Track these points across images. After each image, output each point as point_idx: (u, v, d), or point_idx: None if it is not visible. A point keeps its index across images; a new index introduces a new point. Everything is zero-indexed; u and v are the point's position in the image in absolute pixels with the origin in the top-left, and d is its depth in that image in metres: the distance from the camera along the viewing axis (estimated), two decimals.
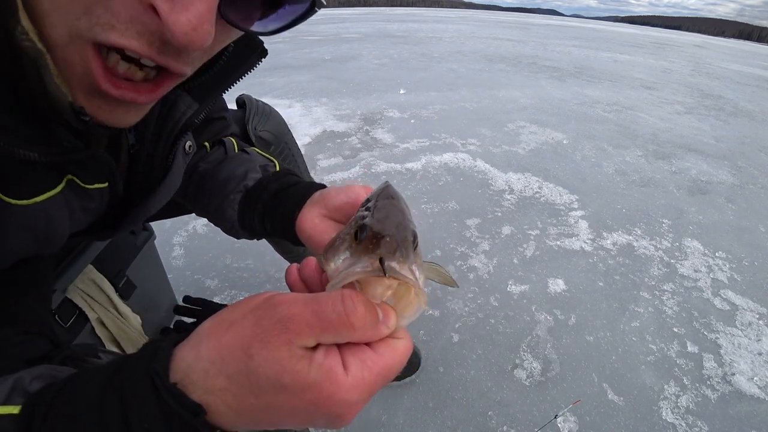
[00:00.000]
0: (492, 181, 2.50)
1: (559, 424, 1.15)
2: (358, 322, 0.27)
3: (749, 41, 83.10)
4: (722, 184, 2.80)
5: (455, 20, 18.70)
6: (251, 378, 0.26)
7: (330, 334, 0.27)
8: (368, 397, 0.28)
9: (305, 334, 0.26)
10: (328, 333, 0.27)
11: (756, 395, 1.29)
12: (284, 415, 0.28)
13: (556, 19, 39.33)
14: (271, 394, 0.26)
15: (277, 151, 0.96)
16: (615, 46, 12.07)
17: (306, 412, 0.27)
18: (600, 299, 1.62)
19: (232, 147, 0.68)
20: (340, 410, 0.27)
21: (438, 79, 5.18)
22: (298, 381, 0.26)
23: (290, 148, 1.03)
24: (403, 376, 1.25)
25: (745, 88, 6.92)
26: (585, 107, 4.41)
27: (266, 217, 0.59)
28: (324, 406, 0.26)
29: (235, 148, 0.68)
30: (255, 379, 0.26)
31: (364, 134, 3.16)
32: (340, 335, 0.27)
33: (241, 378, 0.26)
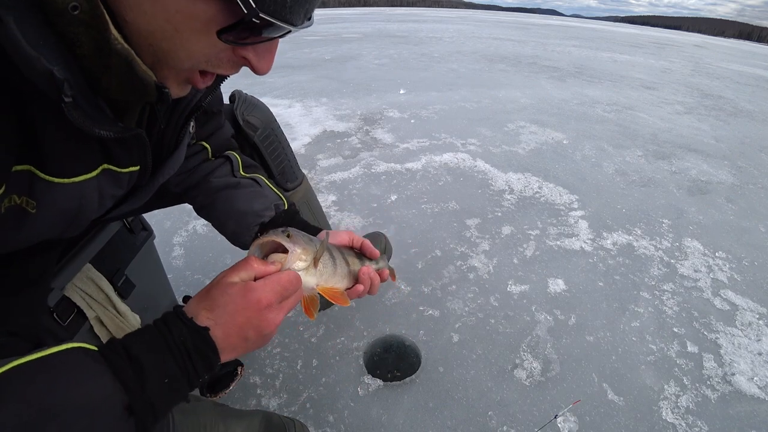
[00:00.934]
0: (492, 181, 2.50)
1: (559, 424, 1.15)
2: (258, 270, 0.54)
3: (749, 41, 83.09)
4: (722, 184, 2.80)
5: (455, 20, 18.70)
6: (230, 314, 0.50)
7: (246, 273, 0.53)
8: (273, 296, 0.52)
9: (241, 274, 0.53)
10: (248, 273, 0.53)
11: (756, 395, 1.29)
12: (245, 327, 0.50)
13: (556, 19, 39.33)
14: (232, 314, 0.49)
15: (263, 135, 1.01)
16: (615, 46, 12.07)
17: (250, 317, 0.50)
18: (600, 299, 1.62)
19: (238, 166, 0.78)
20: (262, 303, 0.51)
21: (438, 79, 5.18)
22: (240, 295, 0.50)
23: (276, 135, 1.07)
24: (403, 376, 1.25)
25: (745, 88, 6.92)
26: (585, 107, 4.41)
27: None
28: (253, 300, 0.50)
29: (241, 167, 0.78)
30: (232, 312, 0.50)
31: (364, 134, 3.16)
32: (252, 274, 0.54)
33: (223, 314, 0.49)
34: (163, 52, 0.38)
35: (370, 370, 1.26)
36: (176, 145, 0.61)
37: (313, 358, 1.29)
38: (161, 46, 0.38)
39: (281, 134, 1.10)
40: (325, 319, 1.43)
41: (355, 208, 2.10)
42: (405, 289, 1.58)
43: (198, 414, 0.81)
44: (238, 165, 0.77)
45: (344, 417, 1.12)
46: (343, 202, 2.16)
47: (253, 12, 0.35)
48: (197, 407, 0.82)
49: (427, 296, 1.56)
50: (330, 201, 2.15)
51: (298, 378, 1.22)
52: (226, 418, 0.88)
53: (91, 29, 0.34)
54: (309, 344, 1.34)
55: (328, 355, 1.30)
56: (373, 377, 1.23)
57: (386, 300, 1.53)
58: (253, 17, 0.35)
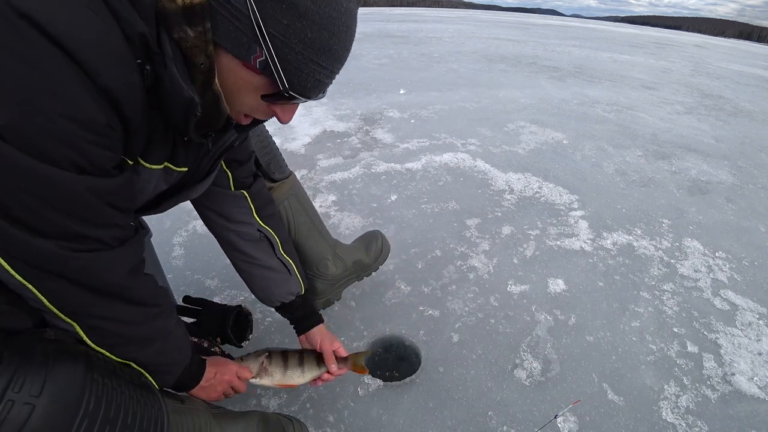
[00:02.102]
0: (492, 181, 2.50)
1: (559, 424, 1.15)
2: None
3: (749, 41, 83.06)
4: (722, 184, 2.80)
5: (455, 20, 18.70)
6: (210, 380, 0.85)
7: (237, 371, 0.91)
8: (219, 385, 0.87)
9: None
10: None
11: (756, 395, 1.29)
12: (210, 388, 0.85)
13: (556, 19, 39.33)
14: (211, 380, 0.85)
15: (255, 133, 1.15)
16: (615, 46, 12.07)
17: (215, 386, 0.86)
18: (600, 299, 1.62)
19: (278, 248, 1.01)
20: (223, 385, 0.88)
21: (438, 79, 5.18)
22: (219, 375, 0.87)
23: (262, 130, 1.18)
24: (403, 376, 1.25)
25: (745, 88, 6.92)
26: (585, 107, 4.41)
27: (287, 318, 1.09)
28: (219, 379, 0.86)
29: (281, 247, 1.01)
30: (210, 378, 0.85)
31: (364, 134, 3.16)
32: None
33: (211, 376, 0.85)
34: (229, 99, 0.60)
35: (370, 370, 1.26)
36: (208, 173, 0.81)
37: None
38: (230, 96, 0.59)
39: (265, 130, 1.20)
40: (325, 318, 1.42)
41: (355, 208, 2.10)
42: (405, 289, 1.58)
43: (193, 416, 0.80)
44: (278, 246, 1.00)
45: (344, 417, 1.12)
46: (343, 202, 2.16)
47: (285, 90, 0.57)
48: (192, 409, 0.82)
49: (427, 296, 1.56)
50: (330, 201, 2.15)
51: None
52: (221, 420, 0.86)
53: (205, 76, 0.55)
54: None
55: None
56: (373, 377, 1.23)
57: (386, 300, 1.53)
58: (285, 93, 0.57)
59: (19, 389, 0.48)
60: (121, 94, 0.48)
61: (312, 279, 1.37)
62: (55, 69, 0.42)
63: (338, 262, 1.38)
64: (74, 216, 0.50)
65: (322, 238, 1.33)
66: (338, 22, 0.54)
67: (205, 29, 0.51)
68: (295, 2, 0.51)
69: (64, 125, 0.44)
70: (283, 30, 0.52)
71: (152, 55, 0.50)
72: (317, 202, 2.13)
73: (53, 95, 0.43)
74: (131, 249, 0.60)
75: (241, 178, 0.96)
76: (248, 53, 0.54)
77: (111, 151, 0.51)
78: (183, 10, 0.49)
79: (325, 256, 1.35)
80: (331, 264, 1.36)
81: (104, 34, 0.45)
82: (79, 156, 0.47)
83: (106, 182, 0.52)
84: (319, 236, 1.32)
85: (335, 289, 1.44)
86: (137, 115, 0.52)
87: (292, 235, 1.25)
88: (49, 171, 0.45)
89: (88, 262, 0.54)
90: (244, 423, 0.88)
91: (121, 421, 0.56)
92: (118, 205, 0.56)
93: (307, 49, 0.54)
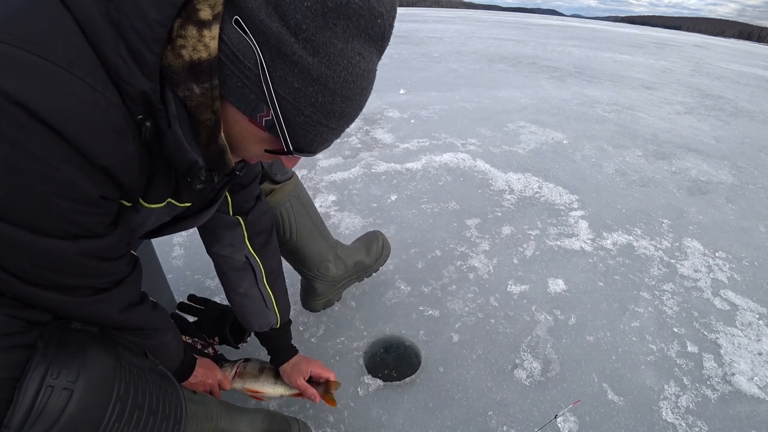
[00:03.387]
0: (492, 181, 2.50)
1: (559, 424, 1.15)
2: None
3: (749, 41, 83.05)
4: (722, 184, 2.80)
5: (455, 20, 18.71)
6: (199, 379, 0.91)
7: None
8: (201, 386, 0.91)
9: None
10: None
11: (756, 395, 1.29)
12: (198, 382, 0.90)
13: (556, 19, 39.33)
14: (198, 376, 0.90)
15: None
16: (615, 46, 12.07)
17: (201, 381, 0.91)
18: (600, 299, 1.62)
19: (261, 277, 0.98)
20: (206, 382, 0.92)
21: (438, 79, 5.18)
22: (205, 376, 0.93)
23: None
24: (403, 376, 1.25)
25: (745, 88, 6.92)
26: (585, 107, 4.41)
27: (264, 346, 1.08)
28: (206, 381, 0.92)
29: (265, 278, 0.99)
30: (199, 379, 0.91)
31: (364, 134, 3.16)
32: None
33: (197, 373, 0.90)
34: (234, 147, 0.59)
35: (370, 370, 1.26)
36: (212, 201, 0.80)
37: None
38: (235, 145, 0.59)
39: None
40: (325, 319, 1.43)
41: (355, 208, 2.10)
42: (405, 289, 1.58)
43: (206, 406, 0.86)
44: (262, 277, 0.98)
45: (344, 417, 1.12)
46: (343, 202, 2.16)
47: (289, 150, 0.56)
48: (205, 399, 0.88)
49: (427, 296, 1.56)
50: (330, 201, 2.15)
51: None
52: (231, 411, 0.92)
53: (210, 130, 0.54)
54: (309, 344, 1.34)
55: (328, 355, 1.30)
56: (373, 377, 1.23)
57: (386, 300, 1.53)
58: (289, 152, 0.56)
59: (56, 376, 0.50)
60: (116, 168, 0.49)
61: (313, 280, 1.37)
62: (51, 154, 0.43)
63: (339, 263, 1.38)
64: (67, 274, 0.54)
65: (323, 239, 1.33)
66: (353, 85, 0.52)
67: (212, 86, 0.50)
68: (308, 67, 0.48)
69: (59, 203, 0.46)
70: (293, 93, 0.50)
71: (155, 111, 0.50)
72: (317, 202, 2.13)
73: (48, 178, 0.44)
74: (126, 288, 0.63)
75: (242, 202, 0.94)
76: (255, 111, 0.52)
77: (104, 216, 0.53)
78: (190, 67, 0.48)
79: (326, 258, 1.35)
80: (332, 265, 1.36)
81: (101, 113, 0.45)
82: (72, 227, 0.50)
83: (100, 242, 0.54)
84: (321, 238, 1.32)
85: (336, 290, 1.44)
86: (133, 179, 0.53)
87: (293, 237, 1.25)
88: (42, 241, 0.48)
89: (85, 305, 0.58)
90: (251, 416, 0.94)
91: (147, 405, 0.59)
92: (113, 256, 0.58)
93: (316, 112, 0.52)
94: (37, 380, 0.49)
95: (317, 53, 0.48)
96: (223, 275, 0.98)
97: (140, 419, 0.58)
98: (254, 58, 0.48)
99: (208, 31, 0.47)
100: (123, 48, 0.45)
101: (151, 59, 0.47)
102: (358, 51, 0.50)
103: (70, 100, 0.43)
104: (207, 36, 0.47)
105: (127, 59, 0.46)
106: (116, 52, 0.45)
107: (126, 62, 0.46)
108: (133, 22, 0.45)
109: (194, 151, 0.54)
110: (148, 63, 0.47)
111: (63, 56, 0.42)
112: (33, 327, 0.54)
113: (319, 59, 0.48)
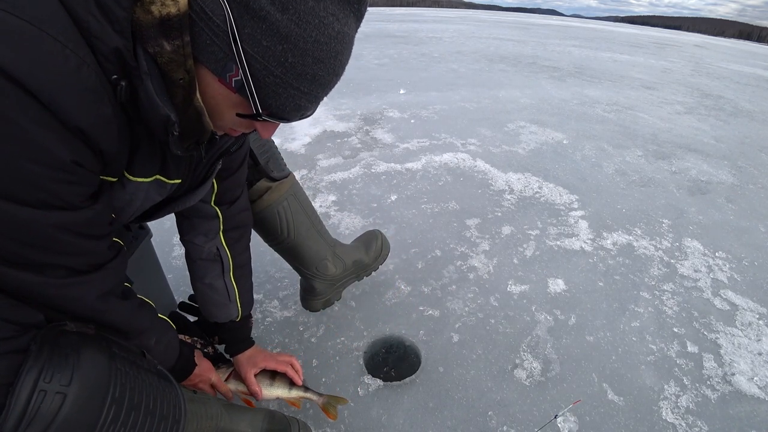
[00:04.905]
0: (492, 181, 2.50)
1: (559, 424, 1.15)
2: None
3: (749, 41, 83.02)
4: (722, 184, 2.80)
5: (455, 20, 18.70)
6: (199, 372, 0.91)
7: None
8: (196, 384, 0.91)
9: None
10: None
11: (756, 395, 1.29)
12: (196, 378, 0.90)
13: (556, 19, 39.32)
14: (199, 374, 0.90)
15: None
16: (615, 46, 12.07)
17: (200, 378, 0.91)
18: (600, 299, 1.62)
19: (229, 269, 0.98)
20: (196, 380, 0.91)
21: (438, 79, 5.18)
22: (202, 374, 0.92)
23: None
24: (403, 376, 1.25)
25: (745, 88, 6.92)
26: (585, 107, 4.41)
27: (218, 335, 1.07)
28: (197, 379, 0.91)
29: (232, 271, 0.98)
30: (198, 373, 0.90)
31: (364, 134, 3.16)
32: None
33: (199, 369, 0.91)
34: (211, 114, 0.58)
35: (370, 370, 1.26)
36: (203, 180, 0.79)
37: (313, 358, 1.29)
38: (210, 111, 0.58)
39: None
40: (325, 318, 1.43)
41: (355, 208, 2.10)
42: (405, 289, 1.58)
43: (206, 405, 0.86)
44: (229, 270, 0.97)
45: (344, 417, 1.12)
46: (343, 202, 2.16)
47: (258, 114, 0.55)
48: (204, 398, 0.88)
49: (427, 296, 1.56)
50: (330, 201, 2.15)
51: None
52: (231, 410, 0.92)
53: (185, 91, 0.53)
54: (309, 344, 1.34)
55: (328, 355, 1.30)
56: (373, 377, 1.23)
57: (386, 300, 1.53)
58: (258, 116, 0.55)
59: (49, 380, 0.50)
60: (92, 130, 0.48)
61: (311, 279, 1.37)
62: (20, 114, 0.42)
63: (337, 262, 1.38)
64: (42, 249, 0.52)
65: (321, 237, 1.33)
66: (326, 47, 0.51)
67: (184, 43, 0.49)
68: (277, 24, 0.48)
69: (29, 167, 0.45)
70: (261, 51, 0.49)
71: (129, 68, 0.49)
72: (317, 202, 2.13)
73: (17, 140, 0.43)
74: (107, 273, 0.61)
75: (228, 189, 0.92)
76: (224, 71, 0.51)
77: (80, 185, 0.52)
78: (159, 23, 0.47)
79: (324, 257, 1.34)
80: (330, 264, 1.36)
81: (74, 71, 0.44)
82: (45, 194, 0.48)
83: (76, 215, 0.52)
84: (318, 236, 1.32)
85: (335, 289, 1.44)
86: (113, 145, 0.52)
87: (291, 234, 1.25)
88: (14, 209, 0.47)
89: (60, 288, 0.56)
90: (251, 415, 0.94)
91: (144, 406, 0.59)
92: (92, 233, 0.57)
93: (286, 73, 0.51)
94: (29, 384, 0.49)
95: (286, 10, 0.47)
96: (191, 263, 0.97)
97: (137, 420, 0.57)
98: (223, 15, 0.47)
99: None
100: (93, 4, 0.45)
101: (122, 15, 0.46)
102: (331, 11, 0.50)
103: (41, 57, 0.42)
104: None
105: (98, 15, 0.45)
106: (86, 8, 0.45)
107: (97, 18, 0.45)
108: None
109: (166, 107, 0.52)
110: (119, 19, 0.46)
111: (33, 14, 0.42)
112: (26, 331, 0.53)
113: (288, 16, 0.48)
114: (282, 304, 1.48)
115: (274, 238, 1.25)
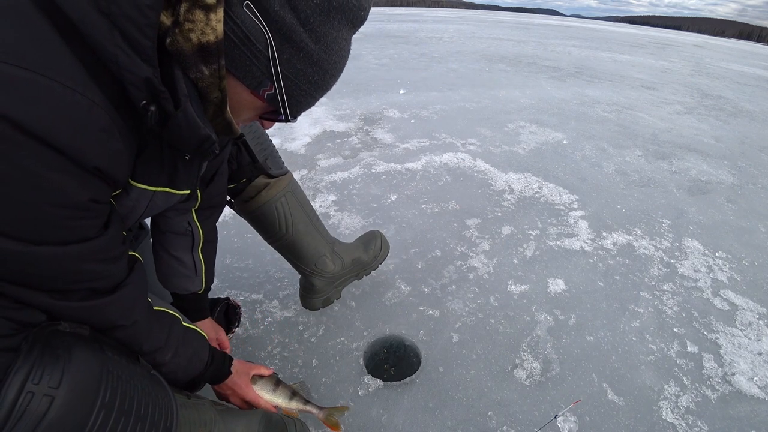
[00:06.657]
0: (492, 181, 2.50)
1: (559, 424, 1.15)
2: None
3: (749, 41, 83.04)
4: (722, 184, 2.80)
5: (455, 20, 18.71)
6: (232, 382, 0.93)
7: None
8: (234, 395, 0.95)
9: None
10: None
11: (756, 395, 1.29)
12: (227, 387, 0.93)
13: (556, 19, 39.32)
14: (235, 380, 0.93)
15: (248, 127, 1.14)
16: (615, 46, 12.07)
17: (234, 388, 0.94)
18: (600, 299, 1.62)
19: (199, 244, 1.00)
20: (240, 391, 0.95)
21: (438, 79, 5.18)
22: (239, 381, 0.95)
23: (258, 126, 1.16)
24: (403, 376, 1.25)
25: (745, 88, 6.92)
26: (585, 107, 4.41)
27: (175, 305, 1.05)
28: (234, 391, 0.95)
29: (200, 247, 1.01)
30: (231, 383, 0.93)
31: (364, 134, 3.16)
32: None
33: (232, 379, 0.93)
34: (234, 115, 0.62)
35: (370, 370, 1.26)
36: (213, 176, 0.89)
37: (313, 358, 1.29)
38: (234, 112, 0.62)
39: (259, 127, 1.19)
40: (325, 318, 1.43)
41: (355, 208, 2.10)
42: (405, 289, 1.58)
43: (199, 411, 0.83)
44: (198, 244, 1.00)
45: (344, 417, 1.12)
46: (343, 202, 2.16)
47: (288, 119, 0.64)
48: (198, 404, 0.85)
49: (427, 296, 1.56)
50: (330, 201, 2.15)
51: (298, 378, 1.22)
52: (225, 416, 0.89)
53: (216, 107, 0.58)
54: (309, 344, 1.34)
55: (328, 355, 1.30)
56: (373, 377, 1.23)
57: (386, 300, 1.53)
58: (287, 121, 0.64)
59: (38, 381, 0.49)
60: (108, 166, 0.51)
61: (310, 276, 1.37)
62: (38, 163, 0.44)
63: (336, 259, 1.38)
64: (63, 279, 0.55)
65: (319, 235, 1.33)
66: (339, 65, 0.61)
67: (220, 66, 0.53)
68: (311, 53, 0.56)
69: (50, 210, 0.48)
70: (295, 73, 0.57)
71: (157, 93, 0.51)
72: (317, 202, 2.13)
73: (39, 188, 0.46)
74: (127, 289, 0.64)
75: (212, 197, 0.96)
76: (259, 86, 0.58)
77: (96, 219, 0.55)
78: (199, 49, 0.51)
79: (323, 253, 1.34)
80: (329, 261, 1.36)
81: (86, 115, 0.46)
82: (65, 232, 0.51)
83: (91, 245, 0.55)
84: (317, 233, 1.32)
85: (335, 288, 1.44)
86: (126, 173, 0.56)
87: (289, 231, 1.25)
88: (38, 250, 0.49)
89: (82, 310, 0.59)
90: (246, 420, 0.91)
91: (134, 412, 0.58)
92: (109, 257, 0.59)
93: (311, 88, 0.61)
94: (17, 385, 0.48)
95: (319, 41, 0.56)
96: (160, 234, 0.98)
97: (127, 426, 0.57)
98: (265, 42, 0.54)
99: (215, 15, 0.49)
100: (119, 37, 0.46)
101: (148, 45, 0.48)
102: (344, 37, 0.59)
103: (52, 106, 0.43)
104: (213, 19, 0.49)
105: (125, 48, 0.47)
106: (113, 42, 0.46)
107: (124, 51, 0.47)
108: (125, 10, 0.46)
109: (207, 127, 0.57)
110: (145, 49, 0.48)
111: (37, 62, 0.42)
112: (23, 329, 0.53)
113: (320, 46, 0.57)
114: (282, 304, 1.48)
115: (273, 234, 1.26)
